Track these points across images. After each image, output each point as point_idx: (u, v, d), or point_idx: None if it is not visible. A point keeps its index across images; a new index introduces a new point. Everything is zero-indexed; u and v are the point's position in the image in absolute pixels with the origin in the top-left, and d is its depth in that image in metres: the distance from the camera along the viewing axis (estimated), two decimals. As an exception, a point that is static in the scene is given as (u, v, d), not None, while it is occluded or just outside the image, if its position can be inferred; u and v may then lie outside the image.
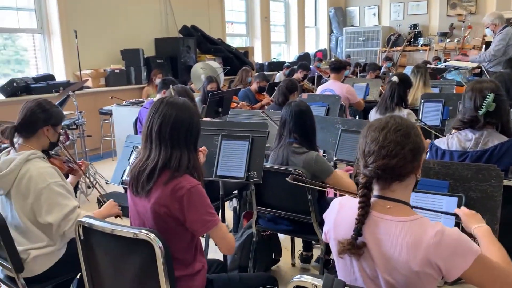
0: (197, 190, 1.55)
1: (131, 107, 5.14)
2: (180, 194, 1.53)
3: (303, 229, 2.46)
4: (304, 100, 3.09)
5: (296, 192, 2.36)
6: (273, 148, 2.54)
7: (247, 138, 2.38)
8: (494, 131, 2.11)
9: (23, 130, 2.02)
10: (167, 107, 1.60)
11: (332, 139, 3.08)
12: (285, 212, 2.46)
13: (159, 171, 1.56)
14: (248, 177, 2.33)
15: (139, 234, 1.45)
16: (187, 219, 1.55)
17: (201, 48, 8.08)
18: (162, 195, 1.54)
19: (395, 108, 3.50)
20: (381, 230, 1.23)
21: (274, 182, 2.44)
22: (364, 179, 1.26)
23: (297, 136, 2.44)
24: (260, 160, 2.33)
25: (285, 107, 2.54)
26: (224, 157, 2.41)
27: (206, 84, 4.90)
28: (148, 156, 1.59)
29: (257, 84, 5.67)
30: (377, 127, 1.27)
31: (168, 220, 1.56)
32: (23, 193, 1.93)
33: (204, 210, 1.57)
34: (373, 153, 1.24)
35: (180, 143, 1.59)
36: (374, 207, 1.26)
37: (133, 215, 1.69)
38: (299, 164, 2.37)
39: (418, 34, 11.07)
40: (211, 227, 1.58)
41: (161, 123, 1.57)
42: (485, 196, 1.63)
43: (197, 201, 1.55)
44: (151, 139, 1.59)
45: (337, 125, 3.09)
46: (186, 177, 1.56)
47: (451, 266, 1.15)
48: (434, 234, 1.16)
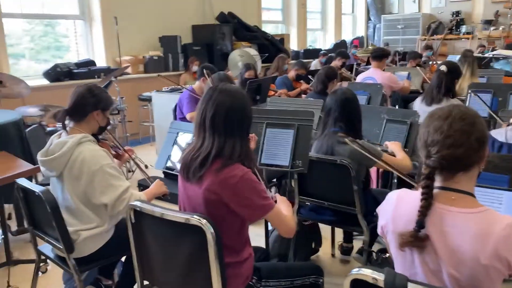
0: (250, 177, 1.55)
1: (170, 93, 5.20)
2: (233, 182, 1.52)
3: (346, 220, 2.44)
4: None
5: (340, 182, 2.34)
6: (317, 137, 2.51)
7: (293, 126, 2.35)
8: (557, 124, 1.99)
9: (74, 114, 2.07)
10: (220, 95, 1.59)
11: (376, 129, 3.01)
12: (329, 203, 2.44)
13: (212, 159, 1.56)
14: (293, 166, 2.32)
15: (191, 220, 1.46)
16: (241, 205, 1.55)
17: (237, 35, 8.04)
18: (213, 183, 1.54)
19: (442, 98, 3.37)
20: (446, 222, 1.18)
21: (318, 171, 2.41)
22: (426, 169, 1.21)
23: (343, 125, 2.41)
24: (306, 149, 2.31)
25: (330, 95, 2.51)
26: (268, 145, 2.40)
27: (244, 72, 4.86)
28: (202, 144, 1.59)
29: (295, 72, 5.61)
30: (441, 116, 1.22)
31: (219, 206, 1.56)
32: (76, 175, 1.98)
33: (258, 196, 1.56)
34: (437, 143, 1.20)
35: (234, 132, 1.58)
36: (437, 198, 1.21)
37: (183, 200, 1.70)
38: (344, 154, 2.33)
39: (461, 21, 10.64)
40: (268, 210, 1.58)
41: (214, 111, 1.57)
42: (551, 192, 1.54)
43: (251, 187, 1.55)
44: (204, 128, 1.59)
45: (382, 115, 3.02)
46: (237, 165, 1.56)
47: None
48: (504, 227, 1.11)
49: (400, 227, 1.26)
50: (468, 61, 4.36)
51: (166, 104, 4.95)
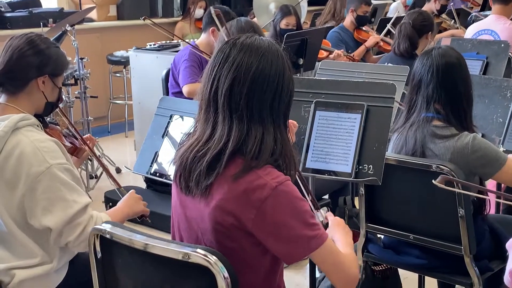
0: (287, 189, 1.55)
1: (158, 53, 5.21)
2: (259, 197, 1.52)
3: (445, 265, 2.44)
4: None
5: (436, 202, 2.34)
6: (397, 127, 2.52)
7: (360, 108, 2.34)
8: None
9: (7, 81, 2.10)
10: (243, 53, 1.58)
11: (497, 116, 2.97)
12: (416, 236, 2.42)
13: (227, 159, 1.55)
14: (359, 174, 2.30)
15: (193, 255, 1.46)
16: (271, 235, 1.55)
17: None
18: (229, 197, 1.54)
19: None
20: None
21: (399, 184, 2.43)
22: None
23: (441, 108, 2.41)
24: (381, 147, 2.30)
25: (420, 58, 2.51)
26: (319, 139, 2.40)
27: (279, 19, 4.87)
28: (211, 134, 1.59)
29: (353, 14, 5.58)
30: None
31: (237, 236, 1.56)
32: (8, 180, 2.01)
33: (301, 220, 1.55)
34: None
35: (264, 114, 1.58)
36: None
37: (179, 224, 1.71)
38: (444, 155, 2.34)
39: None
40: (315, 247, 1.56)
41: (233, 80, 1.56)
42: None
43: (289, 206, 1.55)
44: (216, 106, 1.59)
45: (508, 93, 2.97)
46: (268, 170, 1.56)
47: None
48: None
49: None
50: None
51: (152, 70, 4.98)
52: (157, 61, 5.03)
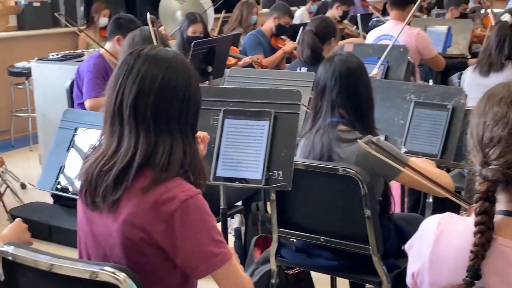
0: (196, 203, 1.54)
1: (62, 64, 5.09)
2: (168, 210, 1.50)
3: (355, 265, 2.47)
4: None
5: (344, 204, 2.39)
6: (304, 132, 2.54)
7: (268, 115, 2.36)
8: None
9: None
10: (147, 64, 1.56)
11: (399, 118, 3.07)
12: (326, 238, 2.45)
13: (135, 172, 1.53)
14: (269, 180, 2.32)
15: (100, 274, 1.43)
16: (179, 249, 1.53)
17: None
18: (138, 210, 1.52)
19: (506, 64, 3.53)
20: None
21: (309, 188, 2.45)
22: (483, 185, 1.25)
23: (345, 112, 2.44)
24: (289, 153, 2.33)
25: (323, 65, 2.54)
26: (228, 147, 2.40)
27: (186, 27, 4.86)
28: (117, 148, 1.56)
29: (275, 21, 5.64)
30: (504, 98, 1.28)
31: (147, 251, 1.54)
32: None
33: (208, 236, 1.55)
34: (499, 141, 1.25)
35: (171, 126, 1.56)
36: (500, 230, 1.26)
37: (86, 241, 1.67)
38: (349, 158, 2.37)
39: None
40: (219, 265, 1.56)
41: (138, 91, 1.54)
42: None
43: (197, 221, 1.54)
44: (121, 119, 1.56)
45: (408, 95, 3.07)
46: (178, 182, 1.54)
47: None
48: None
49: (443, 278, 1.30)
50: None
51: (55, 81, 4.86)
52: (61, 71, 4.93)
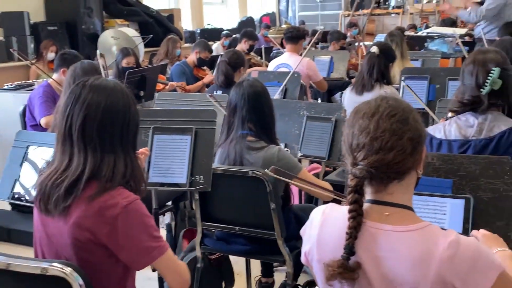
0: (135, 207, 1.50)
1: (15, 92, 4.89)
2: (112, 214, 1.47)
3: (264, 248, 2.48)
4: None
5: (254, 199, 2.38)
6: (220, 143, 2.53)
7: (189, 131, 2.34)
8: (500, 115, 2.21)
9: None
10: (92, 93, 1.52)
11: (295, 129, 3.11)
12: (240, 228, 2.45)
13: (84, 184, 1.49)
14: (193, 184, 2.30)
15: (50, 269, 1.38)
16: (123, 247, 1.50)
17: (110, 10, 7.82)
18: (85, 215, 1.47)
19: (375, 85, 3.64)
20: (379, 245, 1.25)
21: (225, 188, 2.43)
22: (353, 180, 1.26)
23: (253, 126, 2.45)
24: (208, 161, 2.31)
25: (234, 89, 2.54)
26: (158, 157, 2.36)
27: (121, 59, 4.76)
28: (68, 164, 1.51)
29: (197, 55, 5.63)
30: (366, 113, 1.29)
31: (93, 249, 1.49)
32: None
33: (147, 234, 1.52)
34: (363, 146, 1.26)
35: (114, 144, 1.53)
36: (368, 215, 1.28)
37: (41, 241, 1.60)
38: (257, 163, 2.38)
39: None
40: (157, 256, 1.53)
41: (85, 117, 1.49)
42: (498, 196, 1.70)
43: (137, 222, 1.50)
44: (71, 140, 1.51)
45: (301, 111, 3.12)
46: (120, 191, 1.51)
47: (471, 284, 1.18)
48: (447, 246, 1.19)
49: (327, 255, 1.30)
50: (396, 41, 4.71)
51: (9, 107, 4.62)
52: (14, 98, 4.73)
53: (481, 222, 1.70)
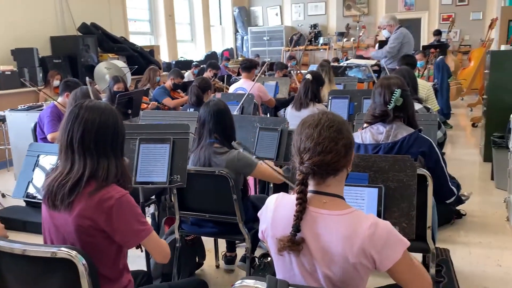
0: (127, 199, 1.48)
1: (28, 112, 4.71)
2: (108, 205, 1.44)
3: (228, 230, 2.45)
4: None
5: (220, 192, 2.35)
6: (193, 149, 2.49)
7: (168, 140, 2.30)
8: (402, 124, 2.28)
9: None
10: (88, 112, 1.49)
11: (250, 137, 3.10)
12: (210, 214, 2.43)
13: (84, 183, 1.46)
14: (171, 182, 2.26)
15: (58, 253, 1.33)
16: (117, 230, 1.47)
17: (103, 46, 7.64)
18: (86, 207, 1.44)
19: (309, 103, 3.69)
20: (319, 225, 1.26)
21: (197, 184, 2.39)
22: (300, 175, 1.27)
23: (218, 136, 2.43)
24: (183, 163, 2.28)
25: (203, 107, 2.51)
26: (143, 162, 2.31)
27: (113, 85, 4.66)
28: (71, 168, 1.48)
29: (172, 81, 5.59)
30: (311, 124, 1.30)
31: (93, 233, 1.46)
32: None
33: (136, 220, 1.50)
34: (309, 150, 1.27)
35: (107, 151, 1.50)
36: (310, 202, 1.28)
37: (49, 231, 1.55)
38: (222, 164, 2.36)
39: (318, 33, 11.65)
40: (144, 237, 1.52)
41: (83, 130, 1.47)
42: (402, 185, 1.75)
43: (128, 211, 1.48)
44: (72, 149, 1.48)
45: (255, 123, 3.12)
46: (113, 187, 1.48)
47: (384, 257, 1.20)
48: (368, 226, 1.21)
49: (279, 232, 1.30)
50: (325, 70, 4.79)
51: (23, 124, 4.49)
52: (27, 117, 4.60)
53: (390, 205, 1.75)
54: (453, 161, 4.44)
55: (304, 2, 11.93)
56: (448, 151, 5.37)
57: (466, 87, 8.45)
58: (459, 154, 5.35)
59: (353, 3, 11.41)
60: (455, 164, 4.52)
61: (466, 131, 6.76)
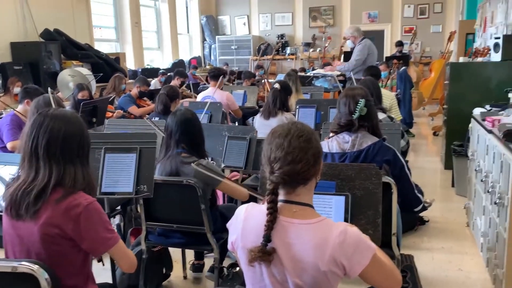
0: (94, 207, 1.47)
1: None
2: (76, 212, 1.42)
3: (196, 240, 2.43)
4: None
5: (188, 202, 2.33)
6: (160, 159, 2.46)
7: (135, 150, 2.26)
8: (367, 133, 2.33)
9: None
10: (53, 121, 1.47)
11: (219, 146, 3.09)
12: (177, 225, 2.40)
13: (51, 190, 1.43)
14: (138, 192, 2.22)
15: (20, 267, 1.30)
16: (85, 238, 1.45)
17: (67, 53, 7.44)
18: (53, 215, 1.41)
19: (278, 112, 3.72)
20: (290, 234, 1.26)
21: (164, 194, 2.36)
22: (271, 185, 1.27)
23: (186, 145, 2.40)
24: (150, 173, 2.24)
25: (170, 116, 2.49)
26: (109, 172, 2.26)
27: (77, 92, 4.54)
28: (36, 176, 1.45)
29: (138, 89, 5.49)
30: (281, 134, 1.30)
31: (60, 241, 1.43)
32: None
33: (104, 227, 1.48)
34: (279, 159, 1.27)
35: (73, 159, 1.49)
36: (281, 212, 1.28)
37: (12, 242, 1.50)
38: (190, 174, 2.33)
39: (285, 43, 11.79)
40: (112, 245, 1.50)
41: (49, 138, 1.45)
42: (368, 193, 1.78)
43: (96, 218, 1.46)
44: (37, 157, 1.45)
45: (224, 132, 3.11)
46: (81, 194, 1.46)
47: (354, 263, 1.22)
48: (338, 234, 1.22)
49: (249, 243, 1.30)
50: (292, 79, 4.84)
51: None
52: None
53: (356, 212, 1.78)
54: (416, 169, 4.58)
55: (271, 12, 12.07)
56: (411, 159, 5.53)
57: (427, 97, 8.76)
58: (421, 162, 5.52)
59: (319, 14, 11.64)
60: (418, 171, 4.66)
61: (427, 139, 7.00)
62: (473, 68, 4.59)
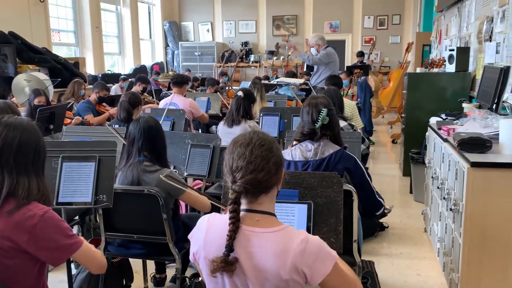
0: (50, 215, 1.42)
1: None
2: (31, 224, 1.37)
3: (157, 250, 2.38)
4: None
5: (149, 212, 2.29)
6: (121, 167, 2.40)
7: (93, 158, 2.20)
8: (329, 142, 2.37)
9: None
10: (7, 129, 1.42)
11: (182, 154, 3.06)
12: (138, 235, 2.35)
13: (2, 201, 1.37)
14: (97, 202, 2.16)
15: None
16: (43, 249, 1.40)
17: (22, 57, 7.16)
18: (5, 227, 1.36)
19: (241, 120, 3.72)
20: (252, 243, 1.25)
21: (125, 204, 2.31)
22: (233, 194, 1.27)
23: (148, 154, 2.37)
24: (110, 182, 2.18)
25: (132, 124, 2.44)
26: (66, 181, 2.19)
27: (33, 98, 4.36)
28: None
29: (96, 94, 5.34)
30: (243, 143, 1.30)
31: (14, 254, 1.37)
32: None
33: (64, 235, 1.44)
34: (241, 168, 1.27)
35: (28, 169, 1.44)
36: (243, 221, 1.28)
37: None
38: (152, 183, 2.29)
39: (249, 51, 11.86)
40: (75, 250, 1.46)
41: (2, 146, 1.40)
42: (330, 201, 1.81)
43: (53, 227, 1.41)
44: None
45: (187, 140, 3.08)
46: (35, 204, 1.41)
47: (315, 271, 1.23)
48: (300, 242, 1.23)
49: (212, 253, 1.29)
50: (257, 87, 4.87)
51: None
52: None
53: (319, 220, 1.80)
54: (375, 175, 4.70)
55: (235, 19, 12.12)
56: (370, 166, 5.68)
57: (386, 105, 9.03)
58: (381, 169, 5.68)
59: (282, 23, 11.79)
60: (377, 178, 4.78)
61: (386, 147, 7.21)
62: (430, 79, 4.78)
